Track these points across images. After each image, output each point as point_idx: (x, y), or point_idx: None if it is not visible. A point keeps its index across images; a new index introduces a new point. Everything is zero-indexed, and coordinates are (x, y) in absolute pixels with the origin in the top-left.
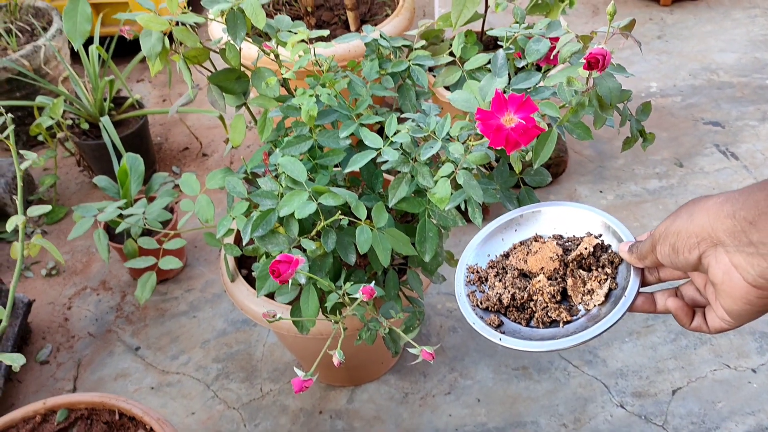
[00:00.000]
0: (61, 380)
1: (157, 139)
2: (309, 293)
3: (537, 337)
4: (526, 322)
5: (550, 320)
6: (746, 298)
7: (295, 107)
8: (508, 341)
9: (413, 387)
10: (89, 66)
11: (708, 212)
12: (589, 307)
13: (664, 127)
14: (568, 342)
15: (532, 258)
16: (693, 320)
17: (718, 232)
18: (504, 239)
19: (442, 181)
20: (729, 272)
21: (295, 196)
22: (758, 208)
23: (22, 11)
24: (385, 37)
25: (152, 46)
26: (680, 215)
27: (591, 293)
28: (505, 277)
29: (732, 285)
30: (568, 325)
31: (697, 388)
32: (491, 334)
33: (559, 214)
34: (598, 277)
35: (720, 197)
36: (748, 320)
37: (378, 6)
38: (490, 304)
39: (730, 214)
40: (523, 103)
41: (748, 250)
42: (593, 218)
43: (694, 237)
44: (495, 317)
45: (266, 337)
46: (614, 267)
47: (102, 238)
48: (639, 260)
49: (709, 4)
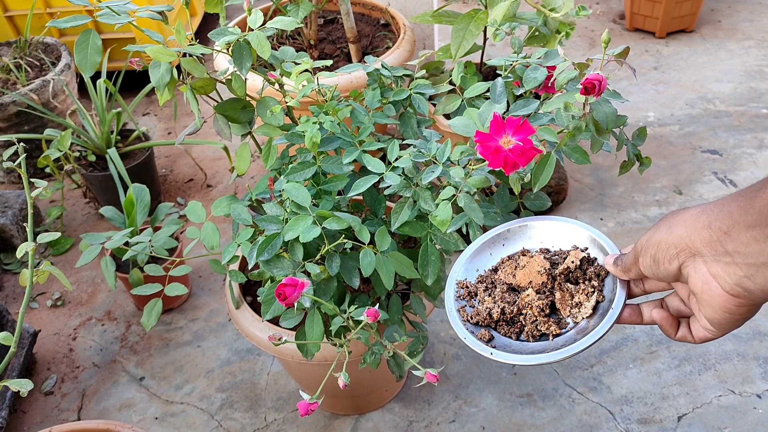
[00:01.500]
0: (65, 411)
1: (163, 171)
2: (314, 317)
3: (527, 350)
4: (516, 336)
5: (539, 333)
6: (725, 307)
7: (299, 134)
8: (500, 356)
9: (418, 415)
10: (97, 99)
11: (686, 223)
12: (577, 320)
13: (663, 155)
14: (559, 355)
15: (520, 272)
16: (678, 331)
17: (695, 243)
18: (492, 254)
19: (443, 204)
20: (708, 282)
21: (299, 221)
22: (732, 218)
23: (31, 47)
24: (387, 67)
25: (161, 77)
26: (660, 227)
27: (579, 306)
28: (494, 292)
29: (711, 294)
30: (558, 338)
31: (702, 414)
32: (483, 349)
33: (546, 229)
34: (585, 290)
35: (697, 209)
36: (730, 329)
37: (379, 39)
38: (480, 319)
39: (706, 225)
40: (521, 126)
41: (724, 260)
42: (579, 232)
43: (674, 248)
44: (486, 332)
45: (270, 366)
46: (600, 280)
47: (109, 266)
48: (624, 272)
49: (703, 36)
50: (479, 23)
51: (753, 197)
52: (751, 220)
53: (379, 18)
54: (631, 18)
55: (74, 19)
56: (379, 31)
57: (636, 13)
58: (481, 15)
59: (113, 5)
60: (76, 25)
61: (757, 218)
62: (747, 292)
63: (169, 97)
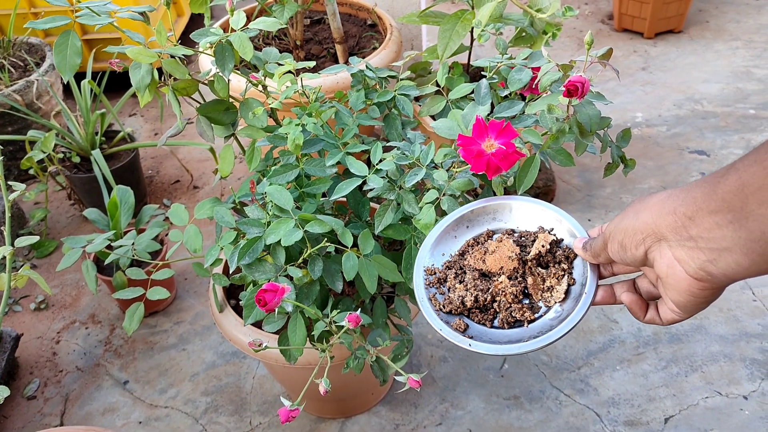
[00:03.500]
0: (48, 415)
1: (149, 173)
2: (296, 322)
3: (504, 339)
4: (490, 323)
5: (514, 320)
6: (689, 290)
7: (282, 136)
8: (479, 346)
9: (404, 418)
10: (81, 100)
11: (652, 209)
12: (550, 304)
13: (651, 156)
14: (539, 343)
15: (490, 258)
16: (647, 313)
17: (661, 228)
18: (457, 236)
19: (427, 207)
20: (672, 266)
21: (281, 224)
22: (696, 204)
23: (15, 47)
24: (371, 68)
25: (141, 78)
26: (628, 213)
27: (551, 290)
28: (465, 278)
29: (676, 278)
30: (533, 324)
31: (689, 416)
32: (460, 340)
33: (510, 209)
34: (556, 274)
35: (663, 194)
36: (695, 311)
37: (366, 39)
38: (453, 307)
39: (671, 211)
40: (504, 129)
41: (688, 244)
42: (543, 212)
43: (640, 233)
44: (460, 321)
45: (256, 370)
46: (570, 262)
47: (90, 270)
48: (593, 257)
49: (691, 37)
50: (466, 24)
51: (716, 183)
52: (713, 206)
53: (366, 18)
54: (620, 18)
55: (53, 20)
56: (366, 32)
57: (624, 14)
58: (468, 15)
59: (93, 6)
60: (55, 26)
61: (719, 204)
62: (710, 275)
63: (149, 98)
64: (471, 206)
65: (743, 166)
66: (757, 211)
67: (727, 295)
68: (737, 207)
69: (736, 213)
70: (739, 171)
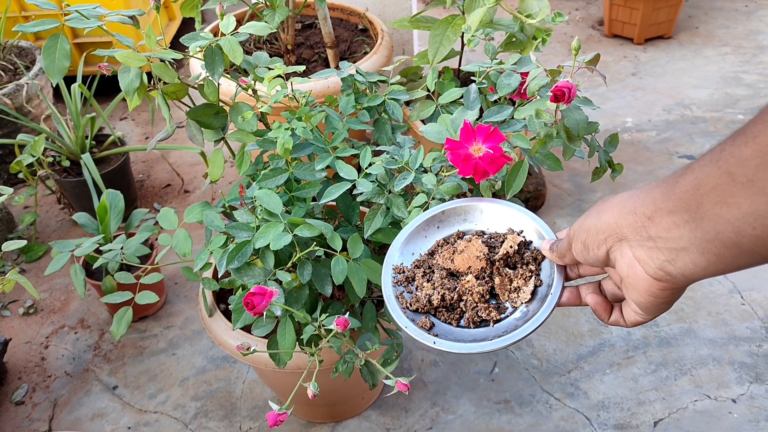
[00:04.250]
0: (36, 421)
1: (139, 177)
2: (285, 326)
3: (469, 338)
4: (456, 323)
5: (480, 320)
6: (650, 290)
7: (271, 140)
8: (443, 344)
9: (395, 423)
10: (71, 104)
11: (613, 209)
12: (516, 305)
13: (640, 160)
14: (502, 342)
15: (458, 257)
16: (611, 315)
17: (622, 228)
18: (427, 236)
19: (416, 211)
20: (633, 266)
21: (270, 228)
22: (655, 204)
23: (5, 50)
24: (361, 73)
25: (130, 82)
26: (591, 214)
27: (518, 291)
28: (433, 277)
29: (636, 278)
30: (498, 324)
31: (678, 420)
32: (425, 338)
33: (481, 210)
34: (524, 275)
35: (624, 195)
36: (657, 312)
37: (357, 44)
38: (420, 306)
39: (631, 211)
40: (491, 133)
41: (648, 245)
42: (514, 215)
43: (602, 233)
44: (426, 319)
45: (246, 374)
46: (537, 263)
47: (78, 273)
48: (559, 258)
49: (681, 43)
50: (456, 29)
51: (674, 183)
52: (672, 205)
53: (357, 23)
54: (610, 24)
55: (42, 23)
56: (357, 36)
57: (614, 20)
58: (458, 21)
59: (82, 9)
60: (44, 29)
61: (677, 204)
62: (669, 275)
63: (138, 102)
64: (442, 207)
65: (699, 166)
66: (712, 210)
67: (716, 298)
68: (693, 207)
69: (692, 213)
70: (695, 171)
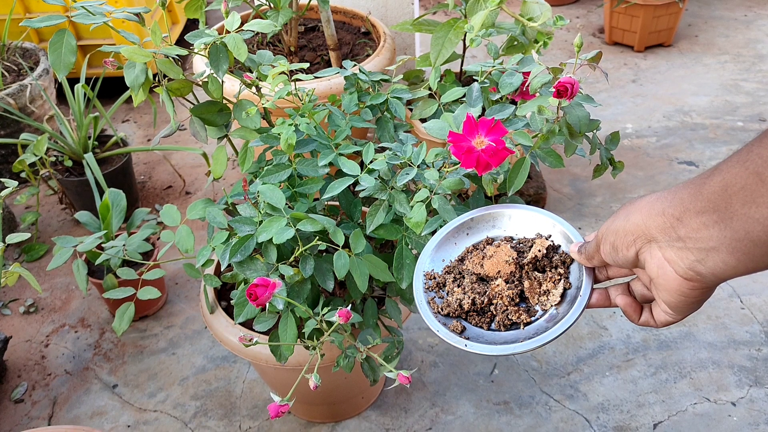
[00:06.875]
0: (35, 419)
1: (141, 178)
2: (287, 320)
3: (500, 340)
4: (487, 326)
5: (510, 322)
6: (680, 290)
7: (274, 136)
8: (474, 347)
9: (394, 423)
10: (74, 104)
11: (641, 211)
12: (546, 308)
13: (641, 166)
14: (533, 344)
15: (488, 262)
16: (641, 315)
17: (651, 229)
18: (457, 243)
19: (418, 205)
20: (663, 266)
21: (273, 222)
22: (683, 204)
23: (9, 51)
24: (364, 71)
25: (135, 77)
26: (619, 216)
27: (547, 294)
28: (464, 282)
29: (666, 278)
30: (529, 326)
31: (678, 422)
32: (456, 341)
33: (509, 216)
34: (553, 278)
35: (652, 197)
36: (687, 312)
37: (359, 46)
38: (451, 310)
39: (660, 212)
40: (493, 127)
41: (677, 245)
42: (542, 219)
43: (631, 235)
44: (457, 323)
45: (246, 374)
46: (566, 267)
47: (81, 269)
48: (587, 260)
49: (680, 51)
50: (458, 32)
51: (702, 184)
52: (700, 206)
53: (360, 26)
54: (610, 32)
55: (49, 18)
56: (360, 39)
57: (615, 27)
58: (460, 24)
59: (88, 5)
60: (50, 25)
61: (705, 204)
62: (699, 275)
63: (143, 98)
64: (471, 214)
65: (726, 167)
66: (741, 210)
67: (716, 302)
68: (722, 207)
69: (721, 213)
70: (723, 172)
